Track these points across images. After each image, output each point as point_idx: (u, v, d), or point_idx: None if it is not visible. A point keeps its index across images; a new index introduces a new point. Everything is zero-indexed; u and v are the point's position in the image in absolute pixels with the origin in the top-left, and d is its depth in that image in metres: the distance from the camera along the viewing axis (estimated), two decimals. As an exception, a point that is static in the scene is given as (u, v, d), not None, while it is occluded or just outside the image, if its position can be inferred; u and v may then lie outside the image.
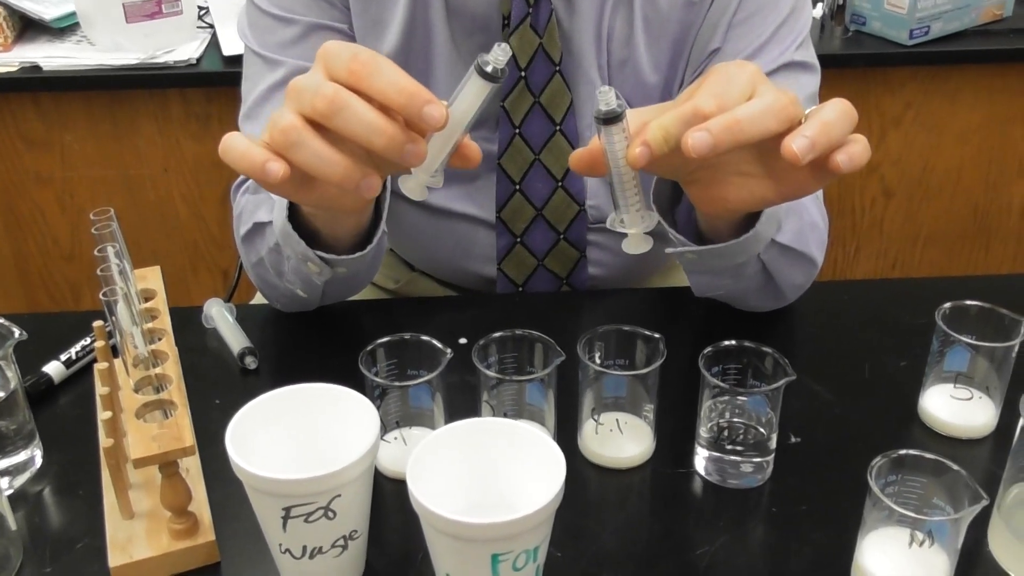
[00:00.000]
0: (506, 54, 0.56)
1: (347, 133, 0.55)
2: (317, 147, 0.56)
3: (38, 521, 0.68)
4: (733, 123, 0.56)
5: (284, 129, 0.56)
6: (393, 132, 0.55)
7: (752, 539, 0.67)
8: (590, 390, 0.71)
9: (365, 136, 0.55)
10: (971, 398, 0.74)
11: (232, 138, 0.58)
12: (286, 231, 0.73)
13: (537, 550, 0.56)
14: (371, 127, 0.54)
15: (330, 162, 0.56)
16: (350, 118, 0.54)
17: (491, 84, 0.56)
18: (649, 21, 0.86)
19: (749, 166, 0.62)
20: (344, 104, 0.54)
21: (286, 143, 0.56)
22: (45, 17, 1.62)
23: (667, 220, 0.73)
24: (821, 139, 0.56)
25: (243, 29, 0.89)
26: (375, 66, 0.55)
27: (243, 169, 0.57)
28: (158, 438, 0.60)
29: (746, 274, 0.79)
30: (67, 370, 0.81)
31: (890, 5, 1.64)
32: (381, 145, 0.55)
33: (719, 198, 0.64)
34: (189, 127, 1.65)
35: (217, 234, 1.76)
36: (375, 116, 0.55)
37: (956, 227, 1.88)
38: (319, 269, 0.74)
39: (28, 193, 1.70)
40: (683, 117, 0.57)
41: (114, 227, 0.67)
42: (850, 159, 0.58)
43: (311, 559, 0.59)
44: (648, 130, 0.58)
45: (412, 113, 0.54)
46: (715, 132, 0.55)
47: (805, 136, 0.56)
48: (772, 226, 0.73)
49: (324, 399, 0.63)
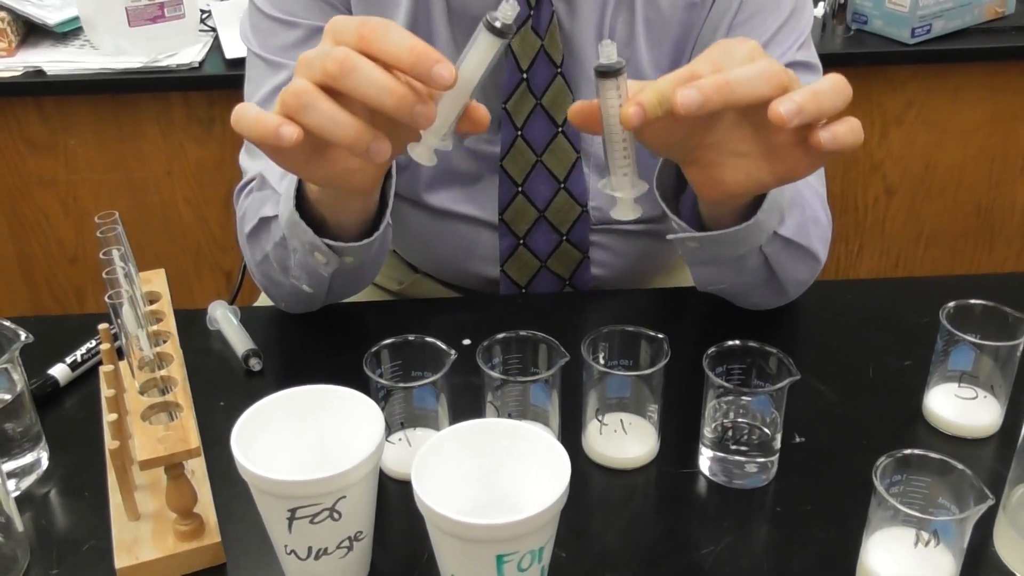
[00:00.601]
0: (514, 9, 0.56)
1: (357, 94, 0.55)
2: (328, 108, 0.56)
3: (44, 523, 0.68)
4: (723, 83, 0.56)
5: (296, 92, 0.56)
6: (403, 92, 0.55)
7: (756, 539, 0.67)
8: (594, 390, 0.71)
9: (376, 96, 0.55)
10: (976, 397, 0.74)
11: (243, 107, 0.58)
12: (293, 220, 0.73)
13: (542, 551, 0.56)
14: (381, 87, 0.55)
15: (341, 123, 0.56)
16: (360, 79, 0.55)
17: (500, 40, 0.56)
18: (650, 22, 0.86)
19: (745, 145, 0.62)
20: (354, 65, 0.55)
21: (298, 106, 0.56)
22: (49, 22, 1.62)
23: (671, 208, 0.74)
24: (809, 105, 0.56)
25: (245, 32, 0.89)
26: (384, 29, 0.55)
27: (256, 136, 0.57)
28: (164, 440, 0.60)
29: (748, 267, 0.79)
30: (72, 373, 0.81)
31: (892, 4, 1.64)
32: (391, 105, 0.55)
33: (717, 179, 0.64)
34: (192, 130, 1.65)
35: (220, 236, 1.76)
36: (385, 77, 0.55)
37: (959, 225, 1.88)
38: (326, 259, 0.74)
39: (32, 196, 1.70)
40: (678, 79, 0.58)
41: (119, 230, 0.67)
42: (833, 137, 0.58)
43: (316, 560, 0.59)
44: (643, 91, 0.58)
45: (422, 72, 0.54)
46: (705, 90, 0.56)
47: (793, 100, 0.56)
48: (774, 217, 0.73)
49: (329, 400, 0.63)
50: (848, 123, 0.59)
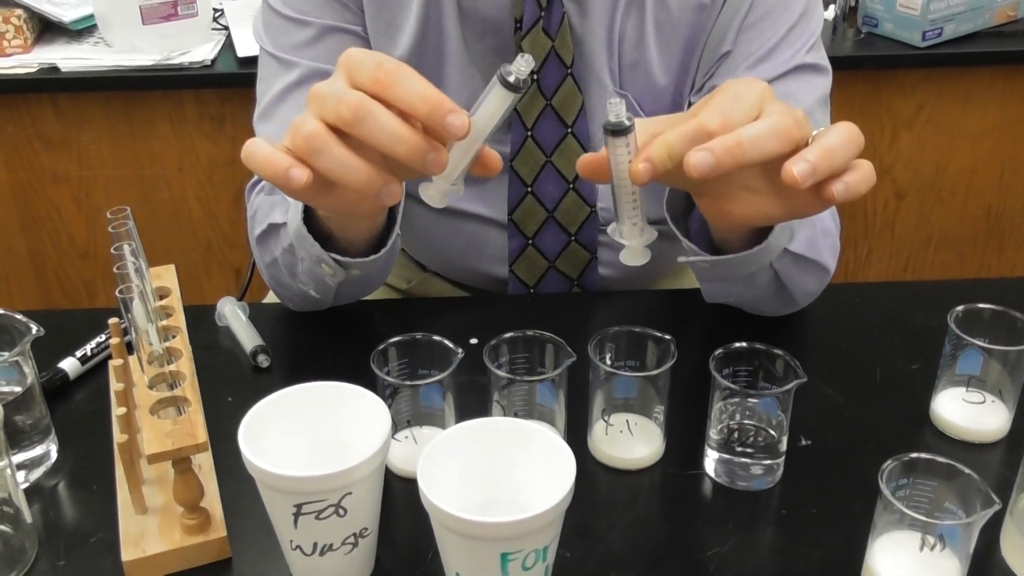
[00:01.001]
0: (529, 65, 0.56)
1: (370, 141, 0.55)
2: (340, 154, 0.56)
3: (53, 515, 0.69)
4: (735, 144, 0.56)
5: (307, 136, 0.56)
6: (416, 141, 0.55)
7: (761, 541, 0.67)
8: (600, 391, 0.71)
9: (388, 145, 0.55)
10: (983, 402, 0.74)
11: (255, 144, 0.58)
12: (300, 233, 0.73)
13: (546, 550, 0.56)
14: (394, 136, 0.55)
15: (352, 169, 0.56)
16: (374, 126, 0.55)
17: (513, 94, 0.56)
18: (660, 24, 0.86)
19: (756, 182, 0.62)
20: (368, 112, 0.55)
21: (309, 149, 0.56)
22: (64, 19, 1.64)
23: (680, 227, 0.74)
24: (823, 164, 0.56)
25: (258, 31, 0.90)
26: (399, 75, 0.55)
27: (266, 175, 0.58)
28: (172, 434, 0.61)
29: (758, 282, 0.79)
30: (82, 366, 0.81)
31: (902, 7, 1.63)
32: (403, 153, 0.55)
33: (727, 212, 0.64)
34: (203, 127, 1.66)
35: (230, 233, 1.77)
36: (398, 125, 0.55)
37: (969, 229, 1.87)
38: (332, 271, 0.75)
39: (45, 192, 1.71)
40: (687, 134, 0.57)
41: (130, 226, 0.67)
42: (847, 188, 0.58)
43: (322, 556, 0.60)
44: (652, 146, 0.58)
45: (435, 123, 0.55)
46: (717, 152, 0.56)
47: (807, 160, 0.56)
48: (784, 236, 0.73)
49: (336, 397, 0.63)
50: (861, 171, 0.58)
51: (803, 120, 0.58)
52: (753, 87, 0.60)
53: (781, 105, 0.59)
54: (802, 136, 0.58)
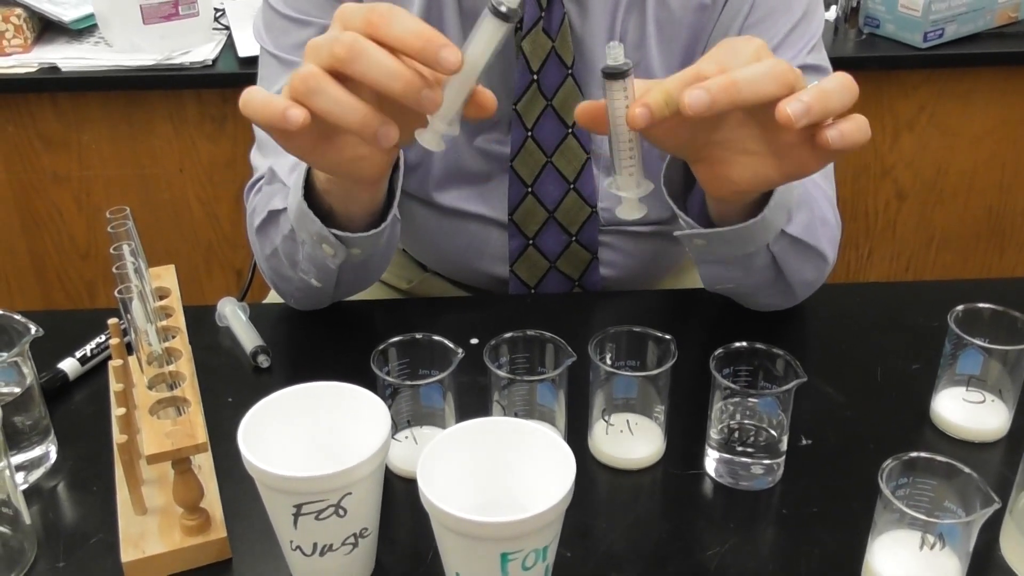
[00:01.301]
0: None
1: (365, 78, 0.56)
2: (336, 93, 0.56)
3: (52, 516, 0.69)
4: (730, 83, 0.56)
5: (303, 77, 0.57)
6: (410, 77, 0.55)
7: (762, 541, 0.67)
8: (601, 391, 0.71)
9: (384, 81, 0.55)
10: (983, 401, 0.74)
11: (252, 90, 0.59)
12: (302, 210, 0.73)
13: (546, 549, 0.56)
14: (389, 72, 0.55)
15: (349, 107, 0.57)
16: (368, 63, 0.55)
17: (505, 25, 0.56)
18: (661, 24, 0.86)
19: (752, 143, 0.62)
20: (362, 50, 0.55)
21: (305, 90, 0.57)
22: (64, 19, 1.64)
23: (679, 205, 0.74)
24: (816, 105, 0.56)
25: (259, 30, 0.90)
26: (391, 14, 0.56)
27: (263, 118, 0.58)
28: (171, 435, 0.61)
29: (755, 266, 0.79)
30: (82, 367, 0.81)
31: (904, 8, 1.63)
32: (399, 89, 0.56)
33: (724, 177, 0.64)
34: (204, 128, 1.66)
35: (231, 234, 1.77)
36: (392, 61, 0.55)
37: (970, 230, 1.87)
38: (333, 251, 0.75)
39: (45, 192, 1.71)
40: (684, 79, 0.58)
41: (130, 225, 0.67)
42: (841, 135, 0.58)
43: (321, 556, 0.60)
44: (650, 92, 0.58)
45: (428, 57, 0.55)
46: (712, 91, 0.56)
47: (800, 100, 0.56)
48: (782, 215, 0.73)
49: (336, 397, 0.63)
50: (855, 120, 0.59)
51: (798, 71, 0.58)
52: (750, 42, 0.60)
53: (777, 58, 0.60)
54: (796, 80, 0.58)
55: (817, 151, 0.60)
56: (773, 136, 0.61)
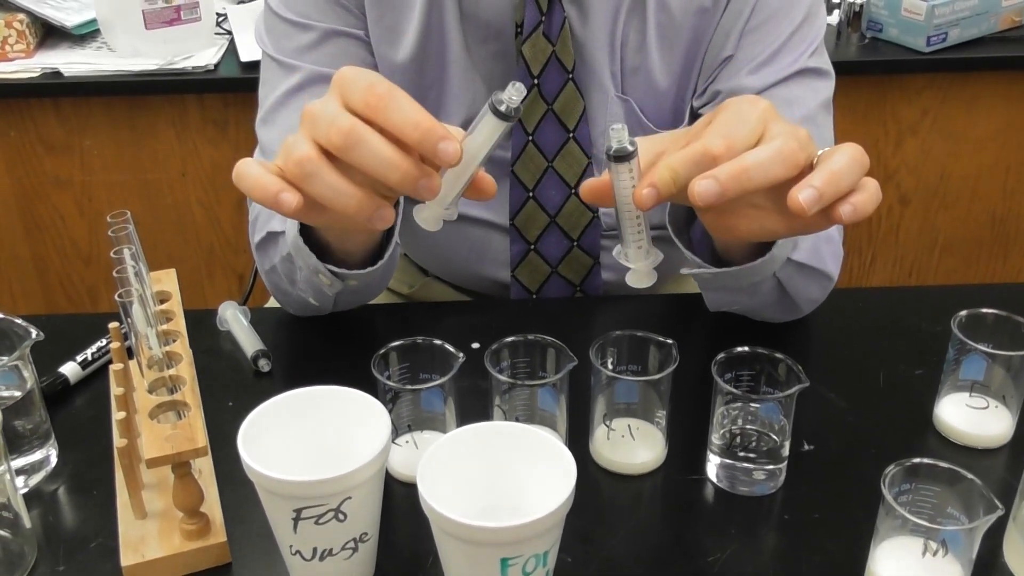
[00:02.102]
0: (520, 94, 0.56)
1: (361, 167, 0.55)
2: (331, 179, 0.56)
3: (52, 520, 0.69)
4: (741, 171, 0.56)
5: (299, 160, 0.56)
6: (408, 167, 0.55)
7: (763, 547, 0.66)
8: (602, 395, 0.71)
9: (380, 171, 0.55)
10: (987, 407, 0.73)
11: (245, 165, 0.58)
12: (297, 245, 0.73)
13: (547, 555, 0.56)
14: (386, 162, 0.55)
15: (344, 194, 0.56)
16: (365, 153, 0.55)
17: (505, 123, 0.56)
18: (662, 28, 0.86)
19: (761, 200, 0.62)
20: (359, 139, 0.55)
21: (301, 174, 0.56)
22: (66, 24, 1.64)
23: (682, 239, 0.73)
24: (828, 190, 0.56)
25: (260, 34, 0.90)
26: (391, 100, 0.55)
27: (256, 198, 0.58)
28: (171, 439, 0.61)
29: (761, 291, 0.79)
30: (83, 371, 0.81)
31: (907, 12, 1.63)
32: (395, 180, 0.55)
33: (731, 227, 0.64)
34: (206, 132, 1.66)
35: (233, 238, 1.77)
36: (390, 151, 0.55)
37: (973, 235, 1.87)
38: (330, 282, 0.75)
39: (48, 197, 1.72)
40: (691, 158, 0.57)
41: (130, 229, 0.67)
42: (854, 210, 0.58)
43: (321, 561, 0.59)
44: (656, 171, 0.58)
45: (427, 149, 0.54)
46: (722, 180, 0.56)
47: (813, 187, 0.56)
48: (787, 246, 0.73)
49: (336, 401, 0.63)
50: (867, 191, 0.58)
51: (807, 140, 0.58)
52: (756, 106, 0.60)
53: (784, 124, 0.59)
54: (807, 158, 0.58)
55: (827, 214, 0.59)
56: (782, 195, 0.60)
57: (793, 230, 0.63)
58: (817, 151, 0.59)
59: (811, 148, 0.59)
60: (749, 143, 0.58)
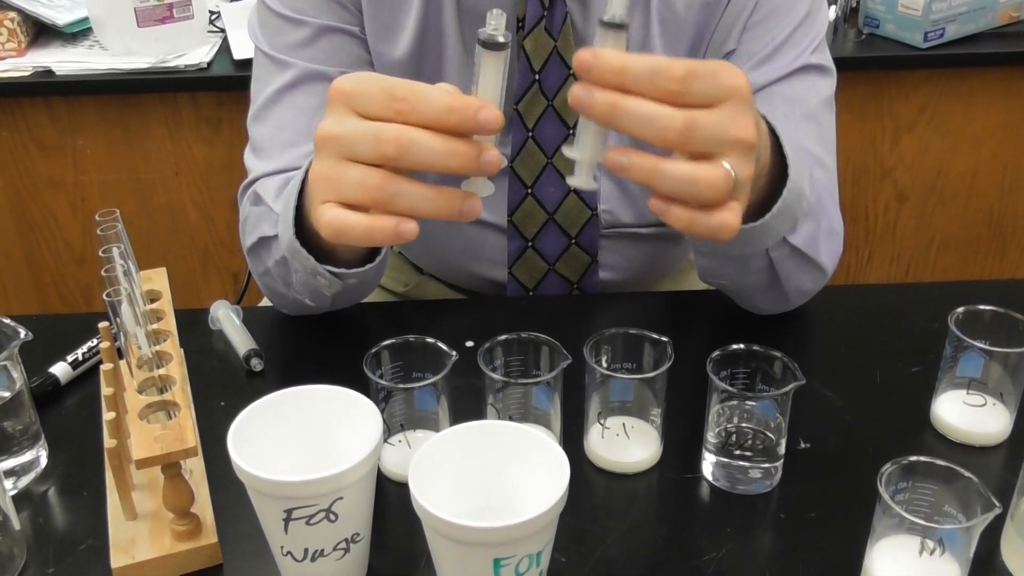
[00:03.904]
0: (500, 17, 0.55)
1: (422, 168, 0.55)
2: (415, 190, 0.56)
3: (42, 521, 0.68)
4: (652, 170, 0.56)
5: (379, 186, 0.56)
6: (465, 150, 0.55)
7: (760, 546, 0.66)
8: (596, 394, 0.71)
9: (442, 163, 0.55)
10: (984, 404, 0.73)
11: (340, 218, 0.57)
12: (294, 247, 0.72)
13: (540, 555, 0.55)
14: (444, 153, 0.55)
15: (431, 198, 0.56)
16: (422, 152, 0.55)
17: (503, 53, 0.55)
18: (666, 23, 0.85)
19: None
20: (411, 142, 0.55)
21: (386, 198, 0.56)
22: (58, 22, 1.63)
23: None
24: (639, 170, 0.56)
25: (253, 29, 0.89)
26: (417, 98, 0.55)
27: (377, 242, 0.57)
28: (160, 439, 0.60)
29: (752, 268, 0.79)
30: (74, 371, 0.81)
31: (904, 7, 1.63)
32: (458, 166, 0.55)
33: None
34: (200, 131, 1.66)
35: (227, 237, 1.76)
36: (441, 142, 0.55)
37: (971, 232, 1.86)
38: (328, 282, 0.74)
39: (40, 197, 1.71)
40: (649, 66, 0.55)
41: (119, 228, 0.67)
42: (690, 220, 0.57)
43: (313, 562, 0.59)
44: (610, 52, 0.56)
45: (470, 128, 0.54)
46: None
47: (628, 157, 0.56)
48: (785, 223, 0.72)
49: (327, 401, 0.62)
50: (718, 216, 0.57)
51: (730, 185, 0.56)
52: (735, 76, 0.57)
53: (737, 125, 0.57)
54: (725, 189, 0.56)
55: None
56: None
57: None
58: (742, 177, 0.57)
59: (744, 174, 0.57)
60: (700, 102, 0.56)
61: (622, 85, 0.55)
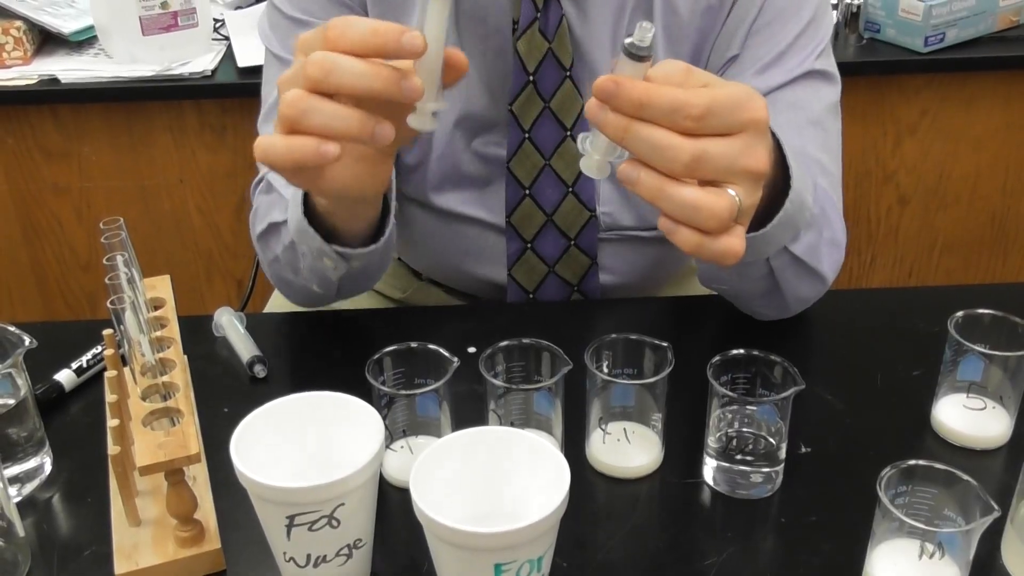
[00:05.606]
0: None
1: (344, 88, 0.57)
2: (326, 107, 0.57)
3: (46, 528, 0.68)
4: (658, 191, 0.56)
5: (291, 101, 0.57)
6: (387, 72, 0.56)
7: (761, 550, 0.66)
8: (597, 399, 0.71)
9: (364, 84, 0.56)
10: (984, 408, 0.73)
11: (266, 139, 0.59)
12: (302, 228, 0.74)
13: (541, 560, 0.56)
14: (365, 75, 0.56)
15: (345, 116, 0.57)
16: (343, 73, 0.56)
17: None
18: (669, 28, 0.86)
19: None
20: (333, 63, 0.56)
21: (298, 114, 0.57)
22: (63, 31, 1.64)
23: None
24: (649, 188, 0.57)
25: (264, 31, 0.90)
26: (344, 25, 0.57)
27: (293, 161, 0.58)
28: (164, 446, 0.60)
29: (751, 275, 0.79)
30: (78, 378, 0.81)
31: (905, 12, 1.63)
32: (380, 87, 0.56)
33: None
34: (204, 138, 1.66)
35: (231, 244, 1.77)
36: (364, 64, 0.56)
37: (973, 235, 1.86)
38: (334, 264, 0.76)
39: (46, 203, 1.72)
40: (667, 100, 0.56)
41: (123, 236, 0.67)
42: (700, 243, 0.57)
43: (315, 568, 0.59)
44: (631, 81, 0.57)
45: (392, 49, 0.56)
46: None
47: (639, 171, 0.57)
48: (787, 233, 0.72)
49: (329, 407, 0.63)
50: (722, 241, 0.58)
51: (733, 211, 0.57)
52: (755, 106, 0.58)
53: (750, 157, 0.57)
54: (728, 217, 0.57)
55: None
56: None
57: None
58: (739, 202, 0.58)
59: (749, 202, 0.58)
60: (716, 132, 0.57)
61: (640, 118, 0.56)
